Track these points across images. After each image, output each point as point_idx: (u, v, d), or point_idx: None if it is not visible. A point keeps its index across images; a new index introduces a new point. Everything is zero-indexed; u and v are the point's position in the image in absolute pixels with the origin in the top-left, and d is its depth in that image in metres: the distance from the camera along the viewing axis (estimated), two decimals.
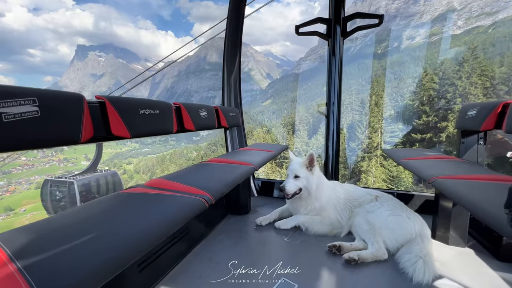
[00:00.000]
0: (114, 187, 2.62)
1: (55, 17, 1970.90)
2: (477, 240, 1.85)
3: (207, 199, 1.20)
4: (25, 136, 0.97)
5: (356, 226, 1.84)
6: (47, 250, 0.72)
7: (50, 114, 1.04)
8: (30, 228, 0.86)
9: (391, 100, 31.88)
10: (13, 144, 0.94)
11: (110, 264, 0.70)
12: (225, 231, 2.11)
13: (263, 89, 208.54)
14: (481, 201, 1.02)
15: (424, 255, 1.47)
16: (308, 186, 1.99)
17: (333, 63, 2.68)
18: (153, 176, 70.49)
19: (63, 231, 0.84)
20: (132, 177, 77.91)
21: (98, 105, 1.35)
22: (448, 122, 23.03)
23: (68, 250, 0.72)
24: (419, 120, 25.75)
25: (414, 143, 24.03)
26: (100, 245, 0.75)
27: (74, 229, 0.85)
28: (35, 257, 0.69)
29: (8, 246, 0.73)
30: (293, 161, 2.08)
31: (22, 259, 0.67)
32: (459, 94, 24.32)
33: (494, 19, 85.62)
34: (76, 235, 0.80)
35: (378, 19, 2.47)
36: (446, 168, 1.65)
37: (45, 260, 0.68)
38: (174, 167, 62.13)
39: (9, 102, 0.92)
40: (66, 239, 0.78)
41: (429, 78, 28.81)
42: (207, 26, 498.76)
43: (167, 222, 0.93)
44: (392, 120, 35.32)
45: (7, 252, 0.71)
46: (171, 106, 1.87)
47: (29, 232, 0.83)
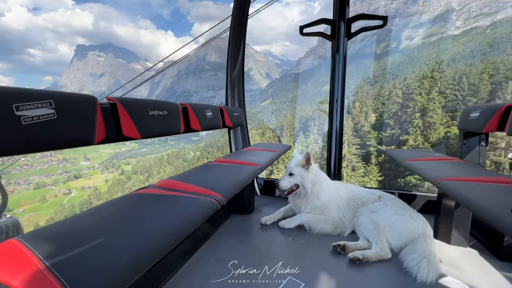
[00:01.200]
0: (13, 233, 2.38)
1: (55, 16, 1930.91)
2: (479, 240, 1.88)
3: (219, 200, 1.22)
4: (43, 138, 0.98)
5: (360, 226, 1.87)
6: (73, 249, 0.74)
7: (65, 116, 1.06)
8: (51, 228, 0.88)
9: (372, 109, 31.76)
10: (31, 146, 0.96)
11: (135, 264, 0.71)
12: (230, 231, 2.13)
13: (262, 89, 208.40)
14: (487, 204, 1.05)
15: (428, 254, 1.50)
16: (303, 183, 2.06)
17: (337, 63, 2.70)
18: (150, 177, 70.54)
19: (85, 231, 0.86)
20: (130, 178, 77.96)
21: (110, 106, 1.37)
22: (409, 136, 23.83)
23: (93, 249, 0.74)
24: (385, 133, 26.81)
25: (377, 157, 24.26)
26: (124, 245, 0.77)
27: (96, 229, 0.87)
28: (62, 256, 0.70)
29: (33, 245, 0.75)
30: (291, 160, 2.18)
31: (50, 258, 0.69)
32: (419, 109, 24.92)
33: (492, 20, 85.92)
34: (98, 235, 0.82)
35: (382, 21, 2.50)
36: (450, 170, 1.68)
37: (72, 258, 0.70)
38: (171, 169, 62.14)
39: (28, 105, 0.93)
40: (89, 238, 0.79)
41: (395, 93, 29.38)
42: (207, 26, 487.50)
43: (184, 223, 0.95)
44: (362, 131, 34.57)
45: (33, 251, 0.72)
46: (178, 107, 1.89)
47: (52, 232, 0.85)
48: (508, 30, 63.44)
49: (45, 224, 5.92)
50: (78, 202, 64.79)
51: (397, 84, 28.15)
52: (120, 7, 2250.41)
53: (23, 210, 70.47)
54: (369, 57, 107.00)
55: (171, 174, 15.00)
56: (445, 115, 23.55)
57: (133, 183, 69.12)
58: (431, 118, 23.73)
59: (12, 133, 0.89)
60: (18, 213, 68.87)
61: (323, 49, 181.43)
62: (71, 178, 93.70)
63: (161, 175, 62.50)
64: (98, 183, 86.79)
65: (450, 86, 26.16)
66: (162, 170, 66.75)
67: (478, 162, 1.94)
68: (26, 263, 0.67)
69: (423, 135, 23.48)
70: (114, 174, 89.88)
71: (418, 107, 25.05)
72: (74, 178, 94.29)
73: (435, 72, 25.44)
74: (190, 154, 73.29)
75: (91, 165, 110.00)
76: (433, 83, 25.18)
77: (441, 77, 25.85)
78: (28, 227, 60.83)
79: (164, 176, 59.30)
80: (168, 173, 60.05)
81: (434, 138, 23.03)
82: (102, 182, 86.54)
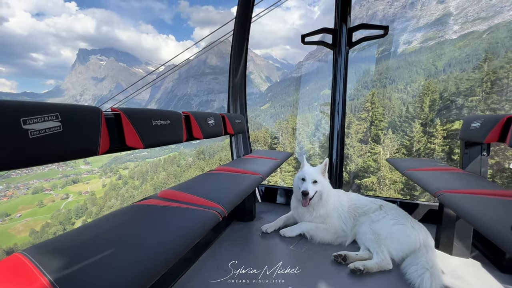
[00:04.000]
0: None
1: (58, 21, 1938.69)
2: (481, 251, 1.87)
3: (220, 211, 1.22)
4: (49, 150, 0.99)
5: (361, 235, 1.86)
6: (77, 263, 0.74)
7: (71, 128, 1.07)
8: (57, 241, 0.89)
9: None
10: (37, 159, 0.96)
11: (141, 278, 0.72)
12: (231, 238, 2.12)
13: (262, 92, 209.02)
14: (488, 219, 1.05)
15: (430, 266, 1.50)
16: (322, 191, 2.03)
17: (339, 69, 2.70)
18: (144, 181, 70.38)
19: (89, 244, 0.86)
20: (126, 183, 77.76)
21: (114, 117, 1.38)
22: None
23: (97, 263, 0.74)
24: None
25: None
26: (129, 259, 0.78)
27: (100, 243, 0.87)
28: (66, 271, 0.71)
29: (38, 260, 0.75)
30: (308, 166, 2.12)
31: (53, 273, 0.69)
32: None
33: (489, 24, 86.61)
34: (103, 248, 0.82)
35: (383, 30, 2.52)
36: (451, 181, 1.68)
37: (76, 274, 0.70)
38: (163, 175, 61.97)
39: (35, 119, 0.94)
40: (94, 252, 0.80)
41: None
42: (208, 30, 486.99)
43: (186, 237, 0.96)
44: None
45: (38, 266, 0.73)
46: (181, 116, 1.91)
47: (56, 246, 0.85)
48: (503, 35, 63.90)
49: (40, 230, 5.87)
50: (73, 207, 64.43)
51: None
52: (122, 12, 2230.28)
53: (20, 215, 70.05)
54: (366, 61, 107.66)
55: (163, 181, 14.95)
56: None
57: (127, 190, 68.86)
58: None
59: (20, 147, 0.89)
60: (16, 218, 68.50)
61: (323, 53, 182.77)
62: (69, 183, 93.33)
63: (154, 182, 62.59)
64: (95, 188, 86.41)
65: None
66: (155, 177, 66.86)
67: (480, 172, 1.94)
68: (31, 279, 0.68)
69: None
70: (112, 179, 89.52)
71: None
72: (73, 182, 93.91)
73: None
74: (185, 159, 73.02)
75: (91, 169, 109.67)
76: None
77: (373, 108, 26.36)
78: (25, 232, 60.32)
79: (157, 182, 59.24)
80: (161, 180, 60.20)
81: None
82: (99, 187, 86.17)
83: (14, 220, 67.43)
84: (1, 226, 65.58)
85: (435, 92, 24.13)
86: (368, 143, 26.61)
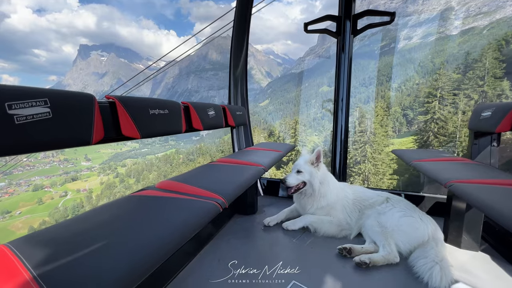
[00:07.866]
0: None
1: (59, 17, 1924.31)
2: (490, 244, 1.82)
3: (221, 202, 1.17)
4: (38, 138, 0.94)
5: (367, 228, 1.81)
6: (64, 257, 0.69)
7: (61, 115, 1.01)
8: (44, 234, 0.83)
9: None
10: (25, 147, 0.91)
11: (132, 273, 0.66)
12: (233, 232, 2.08)
13: (263, 88, 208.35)
14: (503, 207, 0.99)
15: (440, 260, 1.44)
16: (311, 181, 1.99)
17: (343, 61, 2.65)
18: (139, 181, 70.56)
19: (79, 236, 0.81)
20: (123, 181, 78.04)
21: (108, 105, 1.32)
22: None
23: (86, 257, 0.69)
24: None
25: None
26: (120, 252, 0.72)
27: (91, 235, 0.81)
28: (51, 264, 0.66)
29: (22, 253, 0.70)
30: (300, 157, 2.10)
31: (38, 267, 0.64)
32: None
33: (491, 19, 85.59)
34: (93, 241, 0.77)
35: (389, 17, 2.43)
36: (461, 171, 1.62)
37: (63, 268, 0.65)
38: (154, 175, 61.83)
39: (21, 104, 0.88)
40: (83, 245, 0.74)
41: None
42: (208, 26, 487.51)
43: (185, 228, 0.91)
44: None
45: (22, 259, 0.68)
46: (180, 106, 1.84)
47: (43, 238, 0.80)
48: (503, 32, 63.02)
49: (37, 227, 5.86)
50: (70, 205, 64.62)
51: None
52: (123, 7, 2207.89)
53: (20, 212, 70.46)
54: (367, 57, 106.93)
55: (154, 181, 14.86)
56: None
57: (124, 185, 69.00)
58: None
59: (4, 133, 0.84)
60: (16, 215, 68.92)
61: (323, 48, 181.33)
62: (68, 180, 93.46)
63: (145, 182, 62.51)
64: (93, 186, 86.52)
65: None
66: (146, 177, 66.89)
67: (490, 163, 1.87)
68: (12, 272, 0.63)
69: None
70: (109, 177, 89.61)
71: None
72: (72, 180, 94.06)
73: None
74: (178, 158, 72.71)
75: (91, 166, 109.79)
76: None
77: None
78: (23, 229, 60.85)
79: (148, 182, 59.08)
80: (152, 179, 59.92)
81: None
82: (97, 185, 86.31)
83: (14, 217, 67.86)
84: (2, 223, 66.10)
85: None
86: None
